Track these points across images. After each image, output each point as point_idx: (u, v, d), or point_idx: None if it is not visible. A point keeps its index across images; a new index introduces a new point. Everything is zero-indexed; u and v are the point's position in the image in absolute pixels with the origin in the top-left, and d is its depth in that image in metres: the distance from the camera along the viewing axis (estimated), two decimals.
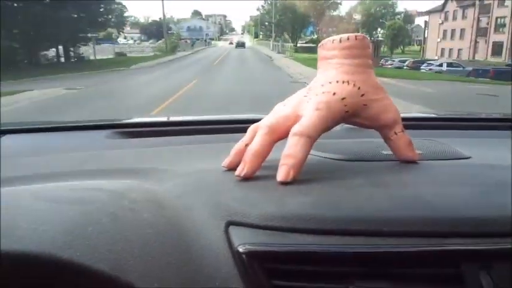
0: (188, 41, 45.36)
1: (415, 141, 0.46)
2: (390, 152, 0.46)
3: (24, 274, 0.30)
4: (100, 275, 0.29)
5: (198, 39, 67.01)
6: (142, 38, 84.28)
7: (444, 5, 39.14)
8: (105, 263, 0.30)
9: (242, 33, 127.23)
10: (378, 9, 75.70)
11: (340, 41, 0.43)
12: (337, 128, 0.45)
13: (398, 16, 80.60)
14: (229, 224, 0.33)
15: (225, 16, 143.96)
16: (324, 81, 0.43)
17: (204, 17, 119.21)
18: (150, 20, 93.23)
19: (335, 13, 77.53)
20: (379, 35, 76.23)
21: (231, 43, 75.02)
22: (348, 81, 0.42)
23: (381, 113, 0.43)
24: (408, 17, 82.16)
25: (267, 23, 71.08)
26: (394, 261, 0.31)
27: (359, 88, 0.42)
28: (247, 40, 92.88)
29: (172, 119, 0.87)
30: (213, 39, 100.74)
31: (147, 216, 0.34)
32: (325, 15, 74.98)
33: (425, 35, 46.68)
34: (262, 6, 73.04)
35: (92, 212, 0.34)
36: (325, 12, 74.53)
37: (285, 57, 26.63)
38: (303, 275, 0.31)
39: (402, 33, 68.00)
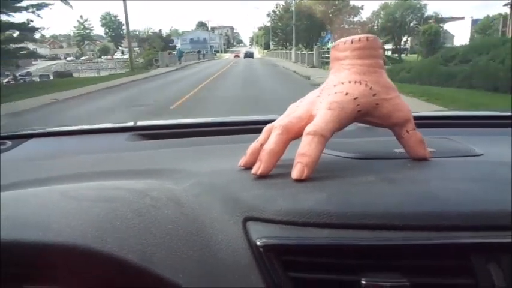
0: (174, 53, 33.84)
1: (427, 139, 0.47)
2: (403, 150, 0.47)
3: (57, 263, 0.33)
4: (130, 266, 0.31)
5: (193, 52, 56.53)
6: (139, 51, 74.92)
7: None
8: (134, 255, 0.32)
9: (250, 45, 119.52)
10: (404, 13, 65.85)
11: (352, 42, 0.44)
12: (351, 127, 0.46)
13: (430, 21, 70.51)
14: (247, 219, 0.35)
15: (232, 28, 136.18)
16: (337, 81, 0.44)
17: (210, 29, 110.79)
18: (150, 32, 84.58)
19: (356, 19, 67.48)
20: (407, 42, 66.54)
21: (236, 56, 64.62)
22: (359, 81, 0.43)
23: (393, 111, 0.44)
24: (439, 22, 71.54)
25: (279, 31, 61.85)
26: (405, 254, 0.32)
27: (371, 88, 0.43)
28: (256, 52, 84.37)
29: (188, 121, 0.90)
30: (218, 51, 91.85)
31: (168, 213, 0.36)
32: (345, 21, 65.70)
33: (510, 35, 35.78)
34: (274, 12, 63.89)
35: (118, 208, 0.36)
36: (345, 18, 65.35)
37: None
38: (317, 267, 0.32)
39: (439, 39, 58.02)
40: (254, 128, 0.58)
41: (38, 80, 19.69)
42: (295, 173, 0.40)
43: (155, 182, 0.44)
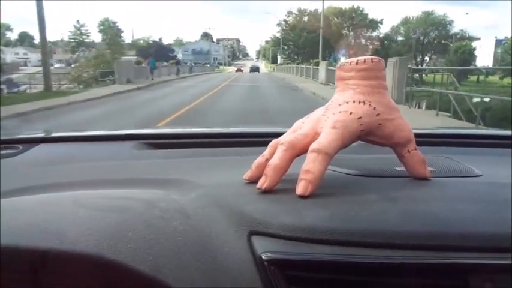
0: (145, 64, 22.11)
1: (427, 158, 0.48)
2: (403, 169, 0.48)
3: (71, 271, 0.34)
4: (141, 276, 0.33)
5: (183, 63, 48.56)
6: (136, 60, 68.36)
7: None
8: (146, 265, 0.33)
9: (257, 59, 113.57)
10: (428, 29, 58.98)
11: (357, 63, 0.45)
12: (354, 143, 0.47)
13: (451, 39, 63.35)
14: (252, 233, 0.35)
15: (238, 40, 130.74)
16: (342, 101, 0.45)
17: (214, 39, 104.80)
18: (150, 41, 78.19)
19: (374, 33, 60.55)
20: (427, 61, 59.48)
21: (239, 70, 56.95)
22: (364, 102, 0.44)
23: (395, 131, 0.46)
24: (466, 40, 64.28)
25: (291, 43, 55.01)
26: (404, 273, 0.33)
27: (374, 108, 0.44)
28: (263, 65, 78.31)
29: (196, 131, 0.92)
30: (221, 63, 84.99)
31: (175, 225, 0.37)
32: (362, 35, 58.89)
33: None
34: (285, 21, 57.09)
35: (129, 219, 0.38)
36: (362, 33, 58.61)
37: None
38: (319, 282, 0.33)
39: (473, 58, 50.83)
40: (261, 140, 0.59)
41: None
42: (299, 189, 0.41)
43: (162, 192, 0.44)
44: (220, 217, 0.38)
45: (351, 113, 0.44)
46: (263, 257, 0.33)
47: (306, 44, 46.76)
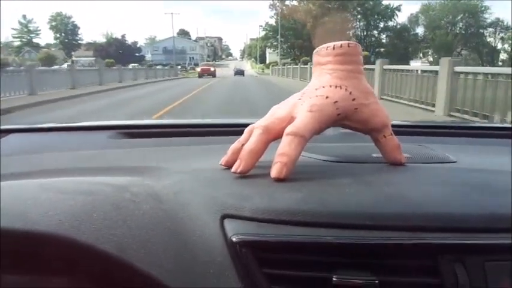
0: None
1: (404, 146, 0.49)
2: (380, 155, 0.49)
3: (33, 251, 0.34)
4: (104, 255, 0.33)
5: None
6: (94, 61, 53.73)
7: None
8: (109, 245, 0.33)
9: (241, 58, 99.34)
10: (458, 18, 44.89)
11: (334, 48, 0.45)
12: (332, 132, 0.47)
13: (491, 28, 49.15)
14: (224, 216, 0.35)
15: (220, 38, 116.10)
16: (318, 85, 0.45)
17: (195, 39, 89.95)
18: (112, 38, 63.03)
19: (390, 23, 46.24)
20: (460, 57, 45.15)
21: (205, 72, 38.48)
22: (340, 86, 0.45)
23: (371, 116, 0.46)
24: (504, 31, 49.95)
25: (290, 34, 40.63)
26: (375, 253, 0.34)
27: (350, 93, 0.45)
28: (248, 66, 64.19)
29: (173, 122, 0.90)
30: (198, 64, 69.85)
31: (146, 208, 0.37)
32: (373, 25, 44.86)
33: None
34: (282, 1, 42.54)
35: (96, 202, 0.38)
36: (376, 22, 44.64)
37: None
38: (291, 264, 0.34)
39: None
40: (238, 130, 0.57)
41: None
42: (274, 172, 0.41)
43: (136, 178, 0.44)
44: (194, 202, 0.38)
45: (327, 97, 0.44)
46: (234, 239, 0.33)
47: (316, 34, 32.53)
